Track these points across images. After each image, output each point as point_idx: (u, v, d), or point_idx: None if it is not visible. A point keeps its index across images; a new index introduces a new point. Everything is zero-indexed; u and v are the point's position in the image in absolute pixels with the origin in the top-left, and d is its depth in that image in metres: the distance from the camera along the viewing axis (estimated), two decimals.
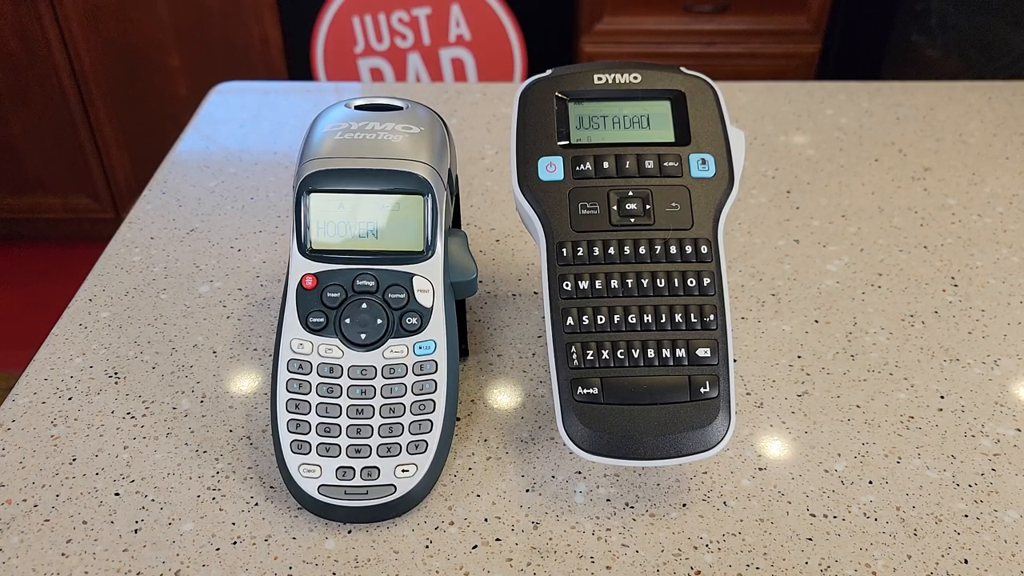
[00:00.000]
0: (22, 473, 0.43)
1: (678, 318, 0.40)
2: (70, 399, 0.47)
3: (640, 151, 0.43)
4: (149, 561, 0.39)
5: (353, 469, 0.40)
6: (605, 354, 0.40)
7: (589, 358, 0.40)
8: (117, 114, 1.74)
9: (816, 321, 0.53)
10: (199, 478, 0.43)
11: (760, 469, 0.43)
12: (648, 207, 0.42)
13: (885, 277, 0.57)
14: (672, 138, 0.43)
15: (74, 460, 0.44)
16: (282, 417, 0.41)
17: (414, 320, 0.42)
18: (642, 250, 0.41)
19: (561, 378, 0.40)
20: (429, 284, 0.42)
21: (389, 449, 0.40)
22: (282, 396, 0.41)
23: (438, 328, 0.42)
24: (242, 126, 0.76)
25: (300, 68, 1.68)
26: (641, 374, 0.40)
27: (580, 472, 0.43)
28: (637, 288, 0.41)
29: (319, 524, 0.40)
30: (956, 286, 0.57)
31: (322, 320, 0.42)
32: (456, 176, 0.46)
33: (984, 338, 0.52)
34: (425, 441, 0.41)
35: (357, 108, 0.45)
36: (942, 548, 0.40)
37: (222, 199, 0.65)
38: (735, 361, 0.50)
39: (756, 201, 0.65)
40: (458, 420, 0.46)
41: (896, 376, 0.49)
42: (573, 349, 0.40)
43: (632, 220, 0.42)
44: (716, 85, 0.44)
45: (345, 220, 0.42)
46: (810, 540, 0.40)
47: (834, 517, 0.41)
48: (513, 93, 0.69)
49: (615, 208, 0.42)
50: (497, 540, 0.40)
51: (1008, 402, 0.48)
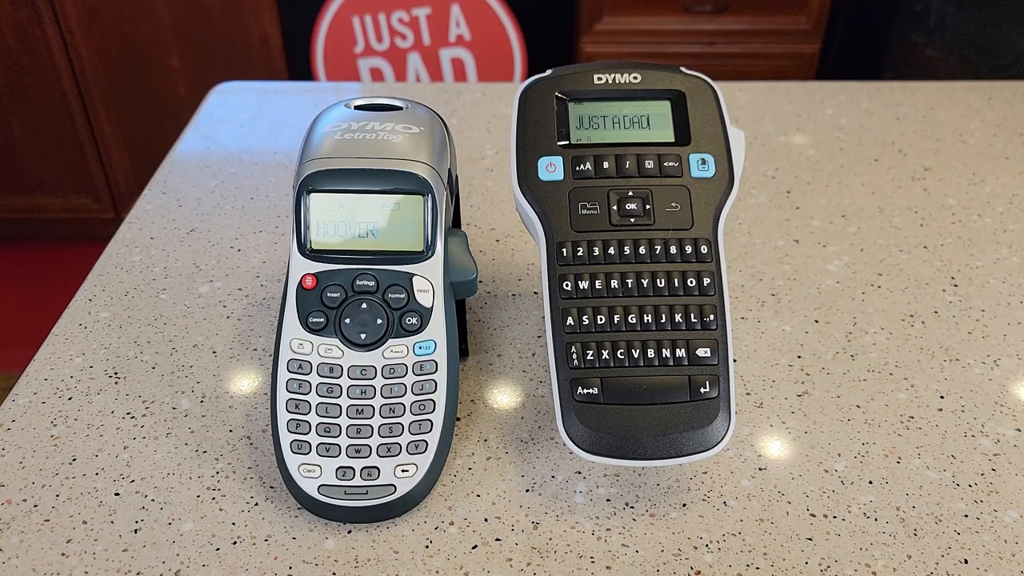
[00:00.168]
0: (22, 473, 0.43)
1: (678, 318, 0.40)
2: (70, 399, 0.47)
3: (640, 151, 0.43)
4: (149, 561, 0.39)
5: (353, 469, 0.40)
6: (605, 354, 0.40)
7: (589, 358, 0.40)
8: (117, 114, 1.74)
9: (816, 321, 0.53)
10: (199, 478, 0.43)
11: (760, 469, 0.43)
12: (648, 207, 0.42)
13: (885, 277, 0.57)
14: (672, 138, 0.43)
15: (74, 460, 0.44)
16: (282, 417, 0.41)
17: (414, 320, 0.42)
18: (642, 250, 0.41)
19: (561, 378, 0.40)
20: (429, 284, 0.42)
21: (389, 449, 0.40)
22: (282, 396, 0.41)
23: (438, 328, 0.42)
24: (242, 126, 0.76)
25: (300, 68, 1.68)
26: (641, 374, 0.40)
27: (580, 472, 0.43)
28: (637, 288, 0.41)
29: (319, 524, 0.40)
30: (956, 286, 0.57)
31: (322, 320, 0.42)
32: (456, 176, 0.46)
33: (984, 338, 0.52)
34: (425, 441, 0.41)
35: (357, 108, 0.45)
36: (942, 548, 0.40)
37: (222, 199, 0.65)
38: (735, 361, 0.50)
39: (756, 201, 0.65)
40: (458, 420, 0.46)
41: (896, 376, 0.49)
42: (573, 349, 0.40)
43: (632, 220, 0.42)
44: (716, 85, 0.44)
45: (345, 220, 0.42)
46: (810, 540, 0.40)
47: (834, 517, 0.41)
48: (513, 93, 0.69)
49: (615, 208, 0.42)
50: (497, 540, 0.40)
51: (1008, 402, 0.48)
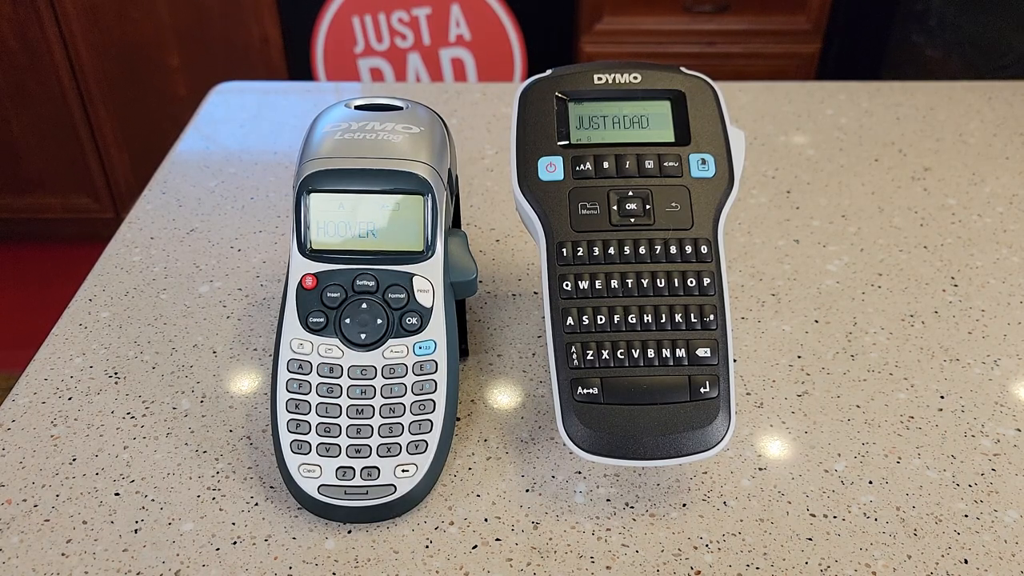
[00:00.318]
0: (22, 473, 0.43)
1: (678, 318, 0.40)
2: (70, 399, 0.47)
3: (640, 151, 0.43)
4: (149, 561, 0.39)
5: (353, 469, 0.40)
6: (605, 354, 0.40)
7: (589, 358, 0.40)
8: (117, 114, 1.74)
9: (816, 321, 0.53)
10: (199, 478, 0.43)
11: (760, 469, 0.43)
12: (648, 207, 0.42)
13: (885, 277, 0.57)
14: (672, 138, 0.43)
15: (74, 460, 0.44)
16: (282, 417, 0.41)
17: (414, 320, 0.42)
18: (642, 250, 0.41)
19: (561, 378, 0.40)
20: (429, 284, 0.42)
21: (389, 449, 0.40)
22: (282, 396, 0.41)
23: (438, 328, 0.42)
24: (242, 126, 0.76)
25: (300, 68, 1.68)
26: (641, 374, 0.40)
27: (580, 472, 0.43)
28: (637, 288, 0.41)
29: (319, 524, 0.40)
30: (956, 286, 0.57)
31: (322, 320, 0.42)
32: (456, 176, 0.46)
33: (984, 338, 0.52)
34: (425, 441, 0.41)
35: (357, 108, 0.45)
36: (942, 548, 0.40)
37: (222, 199, 0.65)
38: (735, 361, 0.50)
39: (756, 201, 0.65)
40: (458, 420, 0.46)
41: (896, 376, 0.49)
42: (573, 349, 0.40)
43: (632, 220, 0.42)
44: (716, 85, 0.44)
45: (345, 220, 0.42)
46: (810, 540, 0.40)
47: (834, 517, 0.41)
48: (513, 93, 0.69)
49: (615, 208, 0.42)
50: (497, 540, 0.40)
51: (1008, 402, 0.48)
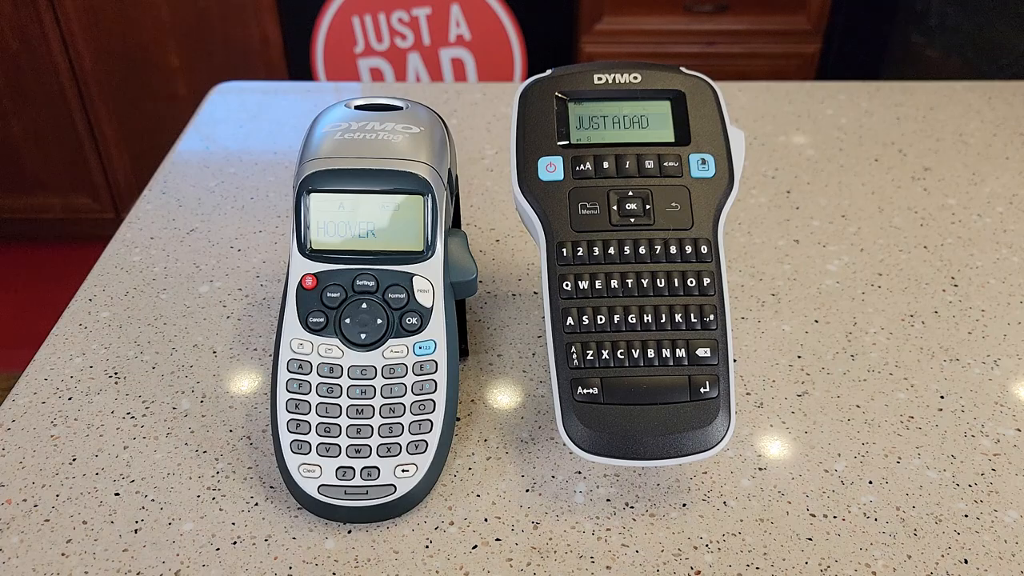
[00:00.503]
0: (22, 473, 0.43)
1: (678, 318, 0.40)
2: (70, 399, 0.47)
3: (640, 151, 0.43)
4: (149, 561, 0.39)
5: (353, 469, 0.40)
6: (605, 354, 0.40)
7: (589, 358, 0.40)
8: (117, 114, 1.74)
9: (816, 321, 0.53)
10: (199, 478, 0.43)
11: (760, 469, 0.43)
12: (648, 207, 0.42)
13: (885, 277, 0.57)
14: (672, 138, 0.43)
15: (74, 460, 0.44)
16: (282, 417, 0.41)
17: (414, 320, 0.42)
18: (642, 250, 0.41)
19: (561, 378, 0.40)
20: (429, 284, 0.42)
21: (389, 449, 0.40)
22: (282, 396, 0.41)
23: (438, 328, 0.42)
24: (242, 126, 0.76)
25: (300, 68, 1.68)
26: (641, 374, 0.40)
27: (580, 472, 0.43)
28: (637, 288, 0.41)
29: (319, 524, 0.40)
30: (956, 286, 0.57)
31: (322, 320, 0.42)
32: (456, 176, 0.46)
33: (984, 338, 0.52)
34: (425, 441, 0.41)
35: (357, 108, 0.45)
36: (942, 548, 0.40)
37: (222, 199, 0.65)
38: (735, 361, 0.50)
39: (756, 201, 0.65)
40: (458, 420, 0.46)
41: (896, 376, 0.49)
42: (573, 349, 0.40)
43: (632, 220, 0.42)
44: (716, 85, 0.44)
45: (345, 220, 0.42)
46: (810, 540, 0.40)
47: (834, 517, 0.41)
48: (513, 93, 0.69)
49: (615, 208, 0.42)
50: (497, 540, 0.40)
51: (1008, 402, 0.48)
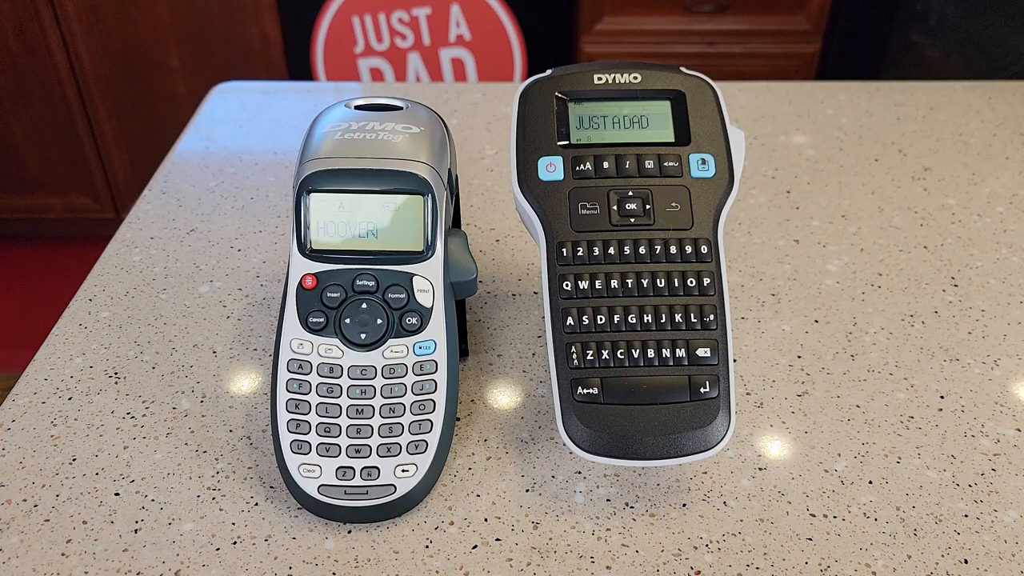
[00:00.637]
0: (22, 473, 0.43)
1: (678, 318, 0.40)
2: (70, 399, 0.47)
3: (640, 151, 0.43)
4: (149, 561, 0.39)
5: (353, 469, 0.40)
6: (605, 354, 0.40)
7: (589, 358, 0.40)
8: (117, 114, 1.74)
9: (816, 321, 0.53)
10: (199, 478, 0.43)
11: (760, 469, 0.43)
12: (648, 207, 0.42)
13: (885, 277, 0.57)
14: (672, 138, 0.43)
15: (74, 460, 0.44)
16: (282, 417, 0.41)
17: (414, 320, 0.42)
18: (642, 250, 0.41)
19: (561, 378, 0.40)
20: (429, 284, 0.42)
21: (389, 449, 0.40)
22: (282, 396, 0.41)
23: (438, 328, 0.42)
24: (242, 126, 0.76)
25: (300, 68, 1.68)
26: (641, 374, 0.40)
27: (580, 472, 0.43)
28: (637, 288, 0.41)
29: (319, 524, 0.40)
30: (956, 286, 0.57)
31: (322, 320, 0.42)
32: (456, 176, 0.46)
33: (984, 338, 0.52)
34: (425, 441, 0.41)
35: (357, 108, 0.45)
36: (942, 548, 0.40)
37: (222, 199, 0.65)
38: (735, 361, 0.50)
39: (756, 201, 0.65)
40: (458, 420, 0.46)
41: (896, 376, 0.49)
42: (573, 349, 0.40)
43: (632, 220, 0.42)
44: (716, 85, 0.44)
45: (345, 220, 0.42)
46: (810, 540, 0.40)
47: (834, 517, 0.41)
48: (513, 93, 0.69)
49: (615, 208, 0.42)
50: (497, 540, 0.40)
51: (1008, 402, 0.48)
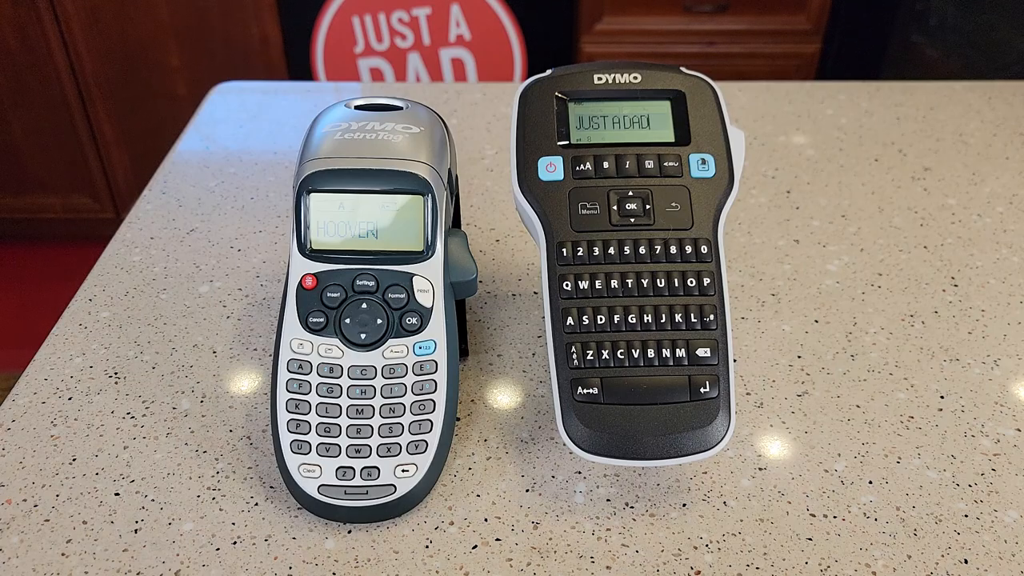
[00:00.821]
0: (22, 473, 0.43)
1: (678, 318, 0.40)
2: (70, 399, 0.47)
3: (640, 151, 0.43)
4: (149, 561, 0.39)
5: (353, 469, 0.40)
6: (605, 354, 0.40)
7: (589, 358, 0.40)
8: (117, 114, 1.74)
9: (816, 321, 0.53)
10: (199, 478, 0.43)
11: (760, 469, 0.43)
12: (648, 207, 0.42)
13: (885, 277, 0.57)
14: (672, 138, 0.43)
15: (74, 460, 0.44)
16: (282, 417, 0.41)
17: (414, 320, 0.42)
18: (642, 250, 0.41)
19: (561, 378, 0.40)
20: (429, 284, 0.42)
21: (389, 449, 0.40)
22: (282, 396, 0.41)
23: (438, 328, 0.42)
24: (242, 126, 0.76)
25: (300, 68, 1.68)
26: (641, 374, 0.40)
27: (580, 472, 0.43)
28: (637, 288, 0.41)
29: (319, 524, 0.40)
30: (956, 286, 0.57)
31: (322, 320, 0.42)
32: (456, 176, 0.46)
33: (984, 338, 0.52)
34: (425, 441, 0.41)
35: (357, 108, 0.45)
36: (942, 548, 0.40)
37: (222, 199, 0.65)
38: (735, 361, 0.50)
39: (756, 201, 0.65)
40: (458, 420, 0.46)
41: (896, 376, 0.49)
42: (573, 349, 0.40)
43: (632, 220, 0.42)
44: (716, 85, 0.44)
45: (345, 220, 0.42)
46: (810, 540, 0.40)
47: (834, 517, 0.41)
48: (513, 93, 0.69)
49: (615, 208, 0.42)
50: (497, 540, 0.40)
51: (1008, 402, 0.48)
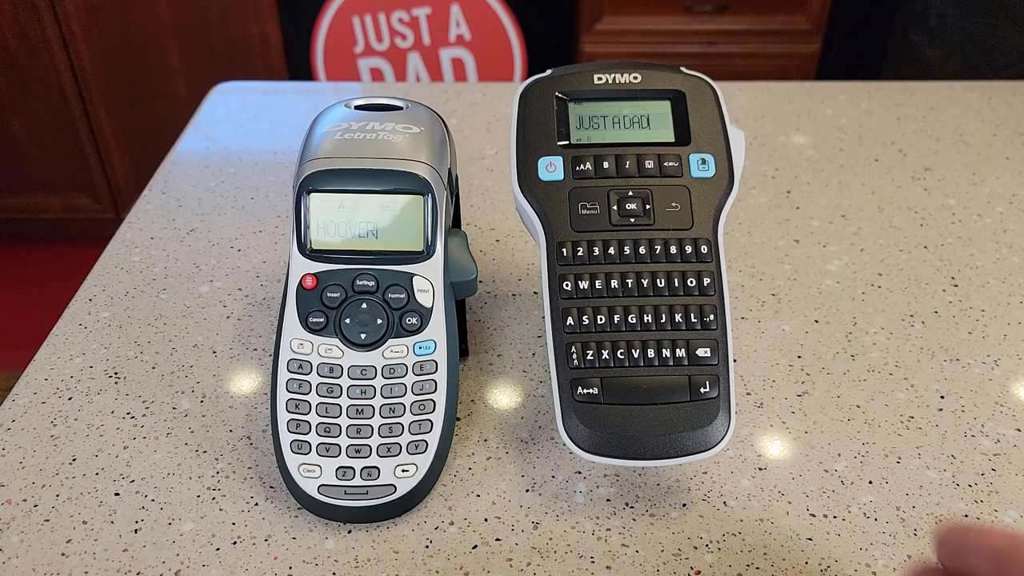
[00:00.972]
0: (22, 473, 0.43)
1: (678, 318, 0.40)
2: (70, 399, 0.47)
3: (640, 151, 0.43)
4: (149, 561, 0.39)
5: (353, 469, 0.40)
6: (605, 354, 0.40)
7: (589, 358, 0.40)
8: (117, 114, 1.74)
9: (816, 321, 0.53)
10: (199, 478, 0.43)
11: (760, 469, 0.43)
12: (648, 207, 0.42)
13: (885, 277, 0.57)
14: (672, 138, 0.43)
15: (74, 460, 0.44)
16: (282, 417, 0.41)
17: (414, 320, 0.42)
18: (642, 250, 0.41)
19: (561, 378, 0.40)
20: (429, 284, 0.42)
21: (389, 449, 0.40)
22: (282, 396, 0.41)
23: (438, 328, 0.42)
24: (242, 126, 0.76)
25: (300, 68, 1.68)
26: (641, 374, 0.40)
27: (580, 472, 0.43)
28: (637, 288, 0.41)
29: (319, 524, 0.40)
30: (956, 286, 0.57)
31: (322, 320, 0.42)
32: (456, 176, 0.46)
33: (984, 338, 0.52)
34: (425, 441, 0.41)
35: (357, 108, 0.45)
36: None
37: (222, 199, 0.65)
38: (735, 361, 0.50)
39: (756, 201, 0.65)
40: (458, 420, 0.46)
41: (896, 376, 0.49)
42: (573, 349, 0.40)
43: (632, 220, 0.42)
44: (716, 85, 0.44)
45: (345, 220, 0.42)
46: (810, 540, 0.40)
47: (834, 517, 0.41)
48: (513, 93, 0.69)
49: (615, 208, 0.42)
50: (497, 540, 0.40)
51: (1008, 402, 0.48)
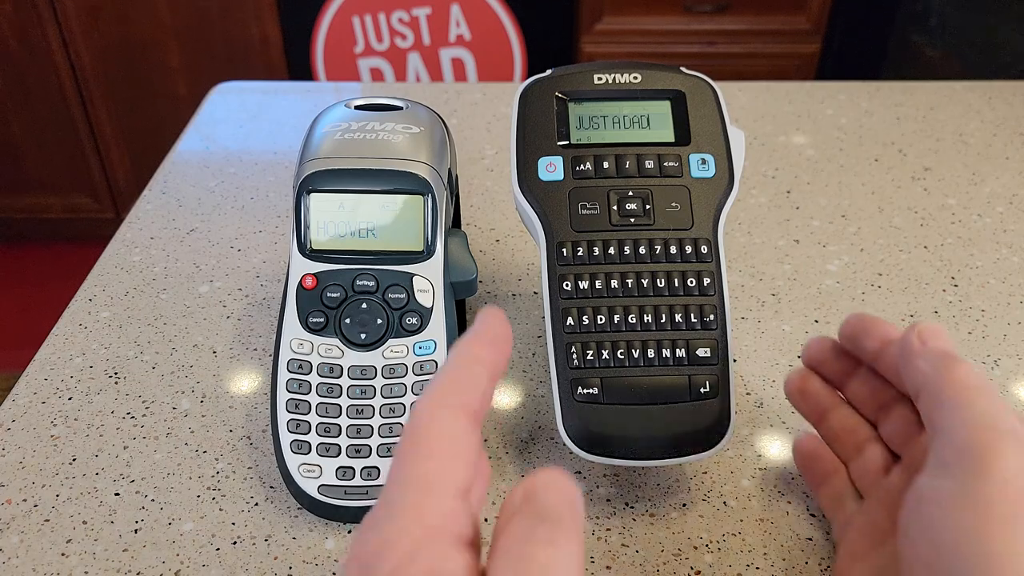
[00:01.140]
0: (22, 473, 0.43)
1: (678, 318, 0.40)
2: (70, 399, 0.47)
3: (640, 151, 0.43)
4: (149, 561, 0.39)
5: (353, 469, 0.40)
6: (605, 354, 0.40)
7: (589, 358, 0.40)
8: (117, 114, 1.74)
9: (816, 321, 0.53)
10: (199, 478, 0.43)
11: (760, 469, 0.43)
12: (648, 207, 0.42)
13: (885, 277, 0.57)
14: (672, 138, 0.43)
15: (74, 460, 0.44)
16: (282, 417, 0.41)
17: (414, 320, 0.42)
18: (642, 250, 0.41)
19: (561, 378, 0.40)
20: (429, 284, 0.42)
21: (389, 449, 0.40)
22: (282, 396, 0.41)
23: (438, 328, 0.42)
24: (242, 126, 0.76)
25: (300, 68, 1.69)
26: (641, 374, 0.40)
27: (580, 472, 0.43)
28: (637, 288, 0.41)
29: (319, 524, 0.40)
30: (956, 286, 0.57)
31: (322, 320, 0.42)
32: (456, 176, 0.46)
33: (984, 338, 0.52)
34: None
35: (357, 108, 0.45)
36: None
37: (222, 199, 0.65)
38: (735, 361, 0.50)
39: (756, 201, 0.65)
40: None
41: None
42: (573, 349, 0.40)
43: (632, 220, 0.42)
44: (716, 85, 0.44)
45: (345, 220, 0.42)
46: (810, 540, 0.40)
47: None
48: (513, 93, 0.69)
49: (615, 208, 0.42)
50: None
51: (1008, 402, 0.48)
